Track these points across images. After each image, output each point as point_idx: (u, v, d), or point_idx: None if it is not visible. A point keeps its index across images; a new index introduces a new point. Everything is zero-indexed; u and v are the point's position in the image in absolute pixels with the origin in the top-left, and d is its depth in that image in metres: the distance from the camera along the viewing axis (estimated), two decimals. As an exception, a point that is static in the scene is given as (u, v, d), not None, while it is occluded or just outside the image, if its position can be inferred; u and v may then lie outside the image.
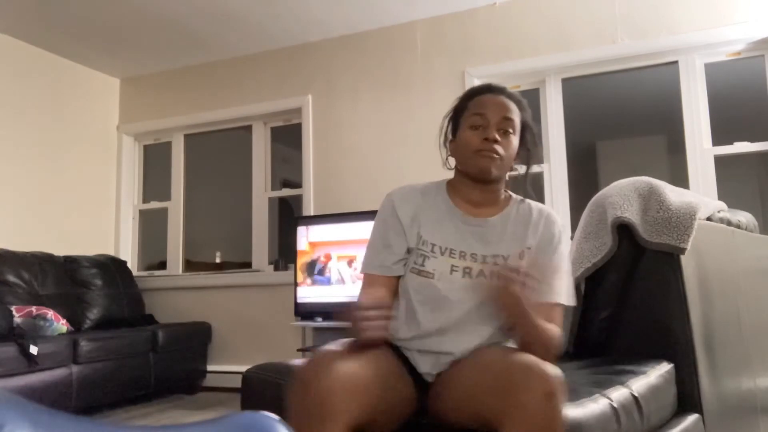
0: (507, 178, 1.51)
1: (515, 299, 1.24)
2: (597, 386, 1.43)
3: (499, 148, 1.41)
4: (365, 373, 1.21)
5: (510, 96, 1.50)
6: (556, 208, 3.80)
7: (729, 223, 2.20)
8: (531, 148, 1.51)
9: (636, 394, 1.48)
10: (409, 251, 1.47)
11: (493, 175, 1.43)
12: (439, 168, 1.60)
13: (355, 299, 1.39)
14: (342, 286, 3.82)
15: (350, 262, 3.80)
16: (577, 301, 1.91)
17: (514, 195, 1.54)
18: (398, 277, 1.48)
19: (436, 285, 1.40)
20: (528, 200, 1.54)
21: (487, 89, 1.52)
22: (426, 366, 1.42)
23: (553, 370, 1.13)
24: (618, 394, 1.43)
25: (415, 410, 1.40)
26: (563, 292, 1.42)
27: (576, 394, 1.34)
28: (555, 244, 1.46)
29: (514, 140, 1.45)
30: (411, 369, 1.43)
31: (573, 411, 1.25)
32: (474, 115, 1.45)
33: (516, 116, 1.46)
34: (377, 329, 1.23)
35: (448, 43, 4.12)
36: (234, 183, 4.98)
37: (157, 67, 4.98)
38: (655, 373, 1.64)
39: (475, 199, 1.48)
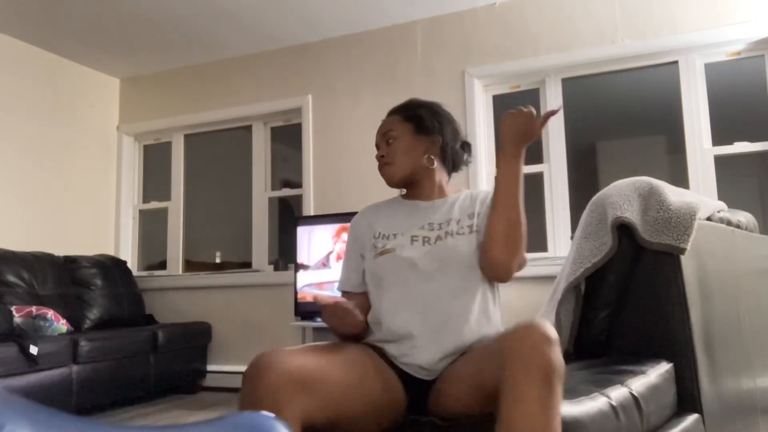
0: (438, 166, 1.64)
1: (528, 133, 1.46)
2: (596, 385, 1.43)
3: (385, 159, 1.61)
4: (319, 368, 1.23)
5: (393, 111, 1.69)
6: (556, 208, 3.80)
7: (729, 223, 2.20)
8: (428, 125, 1.62)
9: (635, 394, 1.48)
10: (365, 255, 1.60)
11: (392, 182, 1.62)
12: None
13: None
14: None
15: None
16: (576, 301, 1.91)
17: (464, 189, 1.71)
18: (361, 295, 1.61)
19: (400, 255, 1.51)
20: (476, 190, 1.73)
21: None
22: (421, 357, 1.43)
23: (548, 327, 1.17)
24: (617, 393, 1.43)
25: (406, 412, 1.41)
26: None
27: (575, 393, 1.34)
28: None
29: (398, 142, 1.61)
30: (400, 372, 1.44)
31: (571, 409, 1.25)
32: (376, 147, 1.67)
33: (395, 124, 1.63)
34: (344, 322, 1.41)
35: (448, 43, 4.12)
36: (234, 183, 4.98)
37: (157, 67, 4.98)
38: (655, 373, 1.64)
39: (422, 196, 1.65)
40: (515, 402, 1.10)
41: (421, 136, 1.61)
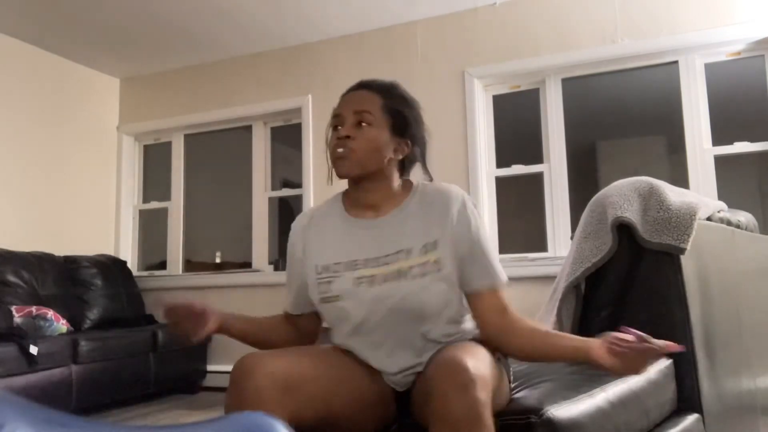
0: (395, 167, 1.43)
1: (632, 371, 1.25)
2: (595, 382, 1.43)
3: (350, 143, 1.36)
4: (303, 371, 1.22)
5: (371, 86, 1.44)
6: (556, 208, 3.79)
7: (729, 223, 2.20)
8: (408, 131, 1.42)
9: (634, 390, 1.48)
10: (308, 285, 1.44)
11: (346, 172, 1.38)
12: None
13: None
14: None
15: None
16: (576, 301, 1.91)
17: (416, 183, 1.46)
18: (313, 313, 1.49)
19: (344, 307, 1.36)
20: (429, 184, 1.45)
21: (352, 88, 1.47)
22: (389, 380, 1.40)
23: (470, 361, 1.11)
24: (616, 389, 1.43)
25: (396, 415, 1.40)
26: (500, 271, 1.38)
27: (574, 391, 1.34)
28: (474, 229, 1.36)
29: (373, 131, 1.37)
30: None
31: (569, 407, 1.25)
32: (333, 117, 1.43)
33: (373, 105, 1.39)
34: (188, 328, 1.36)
35: (448, 43, 4.12)
36: (234, 183, 4.98)
37: (157, 67, 4.98)
38: (654, 369, 1.64)
39: (367, 202, 1.43)
40: None
41: (395, 136, 1.40)
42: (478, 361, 1.15)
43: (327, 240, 1.43)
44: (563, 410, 1.22)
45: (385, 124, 1.39)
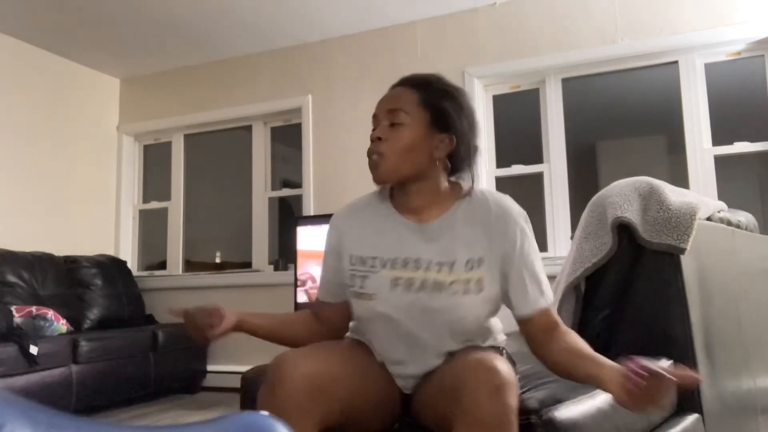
0: (441, 167, 1.33)
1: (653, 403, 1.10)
2: (596, 385, 1.43)
3: (380, 146, 1.30)
4: (333, 371, 1.22)
5: (408, 82, 1.36)
6: (556, 208, 3.79)
7: (729, 223, 2.20)
8: (449, 125, 1.32)
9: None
10: (341, 275, 1.41)
11: (381, 179, 1.32)
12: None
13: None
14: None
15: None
16: (576, 301, 1.91)
17: (466, 187, 1.36)
18: (340, 305, 1.44)
19: (376, 308, 1.31)
20: (485, 192, 1.37)
21: (392, 86, 1.40)
22: (398, 381, 1.40)
23: (501, 365, 1.11)
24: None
25: (401, 411, 1.41)
26: (548, 290, 1.34)
27: (574, 392, 1.34)
28: (526, 254, 1.30)
29: (406, 130, 1.30)
30: None
31: (570, 408, 1.25)
32: (373, 119, 1.36)
33: (407, 102, 1.31)
34: (202, 332, 1.29)
35: (448, 43, 4.12)
36: (234, 183, 4.98)
37: (157, 67, 4.98)
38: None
39: (412, 205, 1.35)
40: None
41: (434, 131, 1.31)
42: (506, 364, 1.13)
43: (368, 233, 1.37)
44: (564, 411, 1.23)
45: (421, 121, 1.31)
